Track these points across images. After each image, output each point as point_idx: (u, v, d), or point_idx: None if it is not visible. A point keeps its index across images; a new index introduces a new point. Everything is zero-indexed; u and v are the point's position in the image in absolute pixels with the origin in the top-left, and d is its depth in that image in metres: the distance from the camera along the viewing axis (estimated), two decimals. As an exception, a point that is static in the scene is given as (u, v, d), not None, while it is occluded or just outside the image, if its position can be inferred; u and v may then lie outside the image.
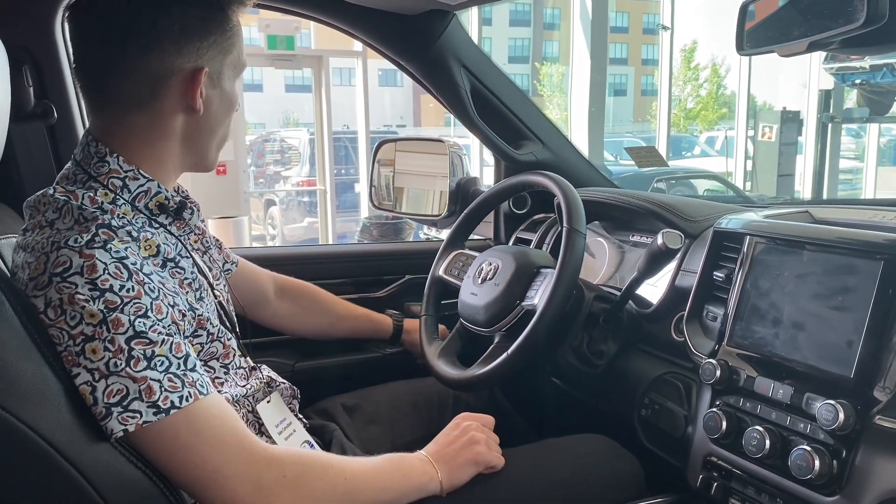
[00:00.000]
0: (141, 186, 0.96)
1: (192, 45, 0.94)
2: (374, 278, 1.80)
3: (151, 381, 0.82)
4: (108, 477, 0.81)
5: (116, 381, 0.81)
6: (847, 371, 0.94)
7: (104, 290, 0.81)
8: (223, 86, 1.00)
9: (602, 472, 1.20)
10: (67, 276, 0.81)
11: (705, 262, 1.21)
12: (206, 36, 0.95)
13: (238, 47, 1.01)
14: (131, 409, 0.81)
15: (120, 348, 0.81)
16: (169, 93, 0.94)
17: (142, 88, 0.93)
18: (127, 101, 0.94)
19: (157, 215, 0.98)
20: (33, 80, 1.36)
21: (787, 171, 9.55)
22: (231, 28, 0.98)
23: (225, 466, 0.85)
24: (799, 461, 0.94)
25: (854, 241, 0.99)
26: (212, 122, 1.01)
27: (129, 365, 0.81)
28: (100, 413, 0.80)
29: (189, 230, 1.06)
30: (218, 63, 0.98)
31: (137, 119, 0.95)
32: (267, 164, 10.83)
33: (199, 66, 0.95)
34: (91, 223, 0.86)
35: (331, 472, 0.94)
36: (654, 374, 1.28)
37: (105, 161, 0.94)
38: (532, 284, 1.32)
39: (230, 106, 1.03)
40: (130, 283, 0.83)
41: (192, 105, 0.96)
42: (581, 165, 1.82)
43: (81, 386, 0.80)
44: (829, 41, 0.92)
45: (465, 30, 1.66)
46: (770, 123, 9.59)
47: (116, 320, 0.81)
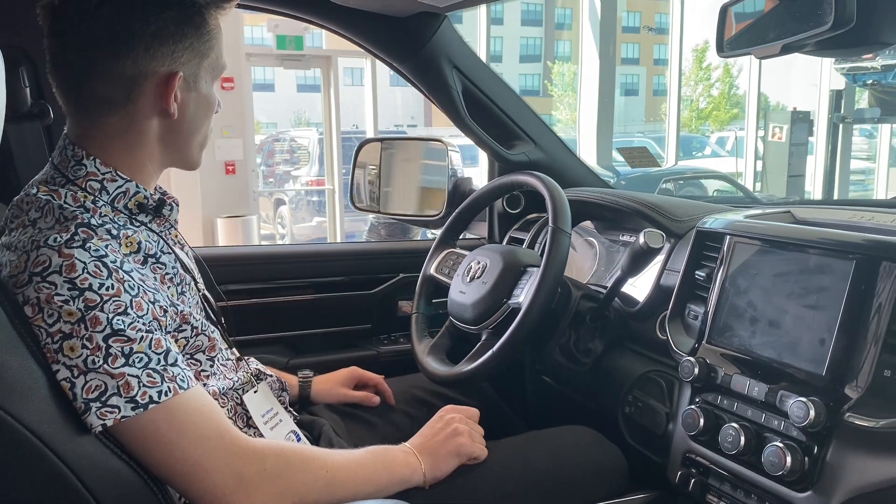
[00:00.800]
0: (119, 188, 0.96)
1: (167, 48, 0.93)
2: (368, 276, 1.83)
3: (129, 377, 0.83)
4: (94, 469, 0.82)
5: (95, 377, 0.82)
6: (819, 369, 0.95)
7: (83, 290, 0.83)
8: (200, 89, 1.00)
9: (586, 462, 1.21)
10: (46, 276, 0.83)
11: (688, 262, 1.23)
12: (181, 40, 0.95)
13: (216, 50, 1.00)
14: (110, 405, 0.82)
15: (97, 346, 0.82)
16: (143, 96, 0.94)
17: (116, 92, 0.93)
18: (101, 104, 0.94)
19: (136, 214, 0.99)
20: (30, 80, 1.39)
21: (798, 171, 9.50)
22: (208, 31, 0.98)
23: (205, 460, 0.87)
24: (771, 457, 0.95)
25: (828, 241, 1.00)
26: (188, 124, 1.00)
27: (106, 362, 0.83)
28: (79, 408, 0.82)
29: (170, 226, 1.06)
30: (194, 66, 0.97)
31: (113, 122, 0.95)
32: (276, 163, 10.88)
33: (174, 70, 0.94)
34: (71, 222, 0.88)
35: (312, 465, 0.96)
36: (639, 372, 1.30)
37: (82, 164, 0.95)
38: (518, 283, 1.34)
39: (208, 108, 1.03)
40: (110, 280, 0.85)
41: (166, 109, 0.95)
42: (573, 165, 1.83)
43: (62, 381, 0.82)
44: (801, 44, 0.93)
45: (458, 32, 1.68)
46: (780, 124, 9.54)
47: (95, 318, 0.83)
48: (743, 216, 1.20)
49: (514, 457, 1.19)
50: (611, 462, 1.23)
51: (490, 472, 1.14)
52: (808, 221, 1.16)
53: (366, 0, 1.50)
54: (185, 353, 1.01)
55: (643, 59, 30.84)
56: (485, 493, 1.12)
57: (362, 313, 1.82)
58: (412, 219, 2.04)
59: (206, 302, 1.11)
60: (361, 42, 1.64)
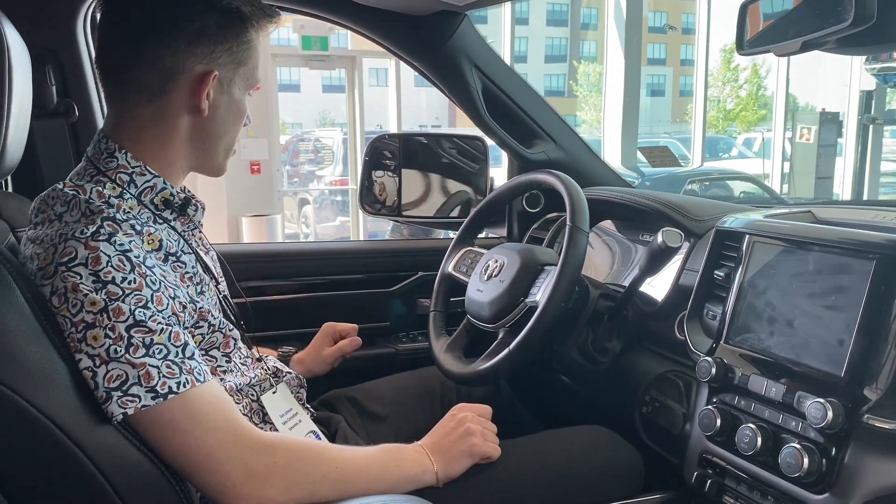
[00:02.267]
0: (147, 182, 0.99)
1: (206, 48, 0.98)
2: (388, 274, 1.83)
3: (150, 368, 0.85)
4: (112, 459, 0.84)
5: (116, 366, 0.84)
6: (838, 370, 0.94)
7: (106, 282, 0.85)
8: (232, 93, 1.03)
9: (601, 462, 1.21)
10: (72, 266, 0.85)
11: (706, 261, 1.22)
12: (221, 42, 0.99)
13: (254, 61, 1.05)
14: (130, 394, 0.84)
15: (120, 336, 0.84)
16: (178, 90, 0.98)
17: (153, 81, 0.97)
18: (137, 91, 0.98)
19: (161, 210, 1.01)
20: (56, 79, 1.42)
21: (826, 173, 9.37)
22: (248, 41, 1.02)
23: (217, 451, 0.89)
24: (788, 458, 0.94)
25: (848, 241, 0.99)
26: (218, 126, 1.04)
27: (128, 352, 0.85)
28: (101, 397, 0.84)
29: (193, 226, 1.09)
30: (230, 71, 1.01)
31: (146, 112, 0.99)
32: (301, 163, 10.95)
33: (210, 69, 0.98)
34: (97, 216, 0.90)
35: (323, 460, 0.97)
36: (657, 372, 1.29)
37: (114, 157, 0.98)
38: (536, 281, 1.33)
39: (238, 115, 1.06)
40: (132, 275, 0.87)
41: (198, 106, 0.99)
42: (594, 164, 1.82)
43: (84, 371, 0.84)
44: (821, 41, 0.92)
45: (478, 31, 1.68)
46: (808, 125, 9.42)
47: (117, 309, 0.85)
48: (763, 216, 1.19)
49: (529, 456, 1.19)
50: (627, 462, 1.23)
51: (505, 471, 1.13)
52: (829, 221, 1.15)
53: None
54: (201, 348, 1.02)
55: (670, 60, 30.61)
56: (499, 491, 1.12)
57: (381, 311, 1.82)
58: (439, 221, 1.97)
59: (227, 303, 1.13)
60: (382, 41, 1.65)
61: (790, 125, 10.63)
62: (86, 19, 1.48)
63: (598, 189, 1.65)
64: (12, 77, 0.83)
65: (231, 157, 1.12)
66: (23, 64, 0.89)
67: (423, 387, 1.46)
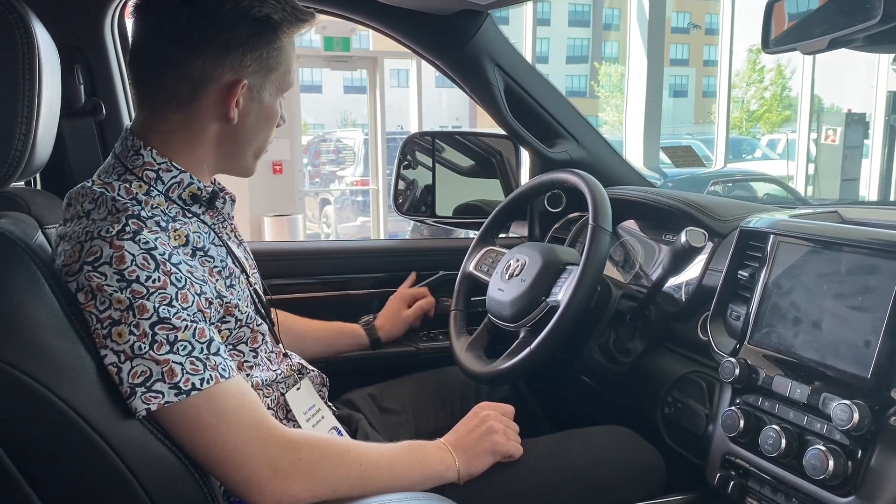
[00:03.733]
0: (174, 178, 1.00)
1: (236, 56, 0.98)
2: (409, 273, 1.83)
3: (174, 364, 0.86)
4: (138, 453, 0.85)
5: (140, 363, 0.85)
6: (864, 371, 0.93)
7: (131, 281, 0.86)
8: (263, 100, 1.04)
9: (622, 462, 1.20)
10: (98, 266, 0.86)
11: (731, 261, 1.21)
12: (251, 51, 0.99)
13: (285, 66, 1.04)
14: (154, 390, 0.85)
15: (144, 333, 0.85)
16: (207, 98, 0.99)
17: (182, 89, 0.98)
18: (167, 98, 0.99)
19: (190, 205, 1.02)
20: (84, 78, 1.44)
21: (852, 175, 9.26)
22: (279, 47, 1.02)
23: (242, 447, 0.89)
24: (813, 461, 0.93)
25: (876, 241, 0.97)
26: (247, 132, 1.04)
27: (152, 349, 0.86)
28: (125, 392, 0.85)
29: (223, 219, 1.09)
30: (260, 77, 1.02)
31: (175, 118, 1.00)
32: (322, 163, 11.01)
33: (239, 78, 0.99)
34: (122, 214, 0.91)
35: (347, 458, 0.97)
36: (679, 373, 1.28)
37: (140, 154, 0.99)
38: (557, 281, 1.33)
39: (269, 119, 1.06)
40: (157, 273, 0.88)
41: (226, 113, 1.00)
42: (616, 164, 1.81)
43: (109, 366, 0.85)
44: (848, 38, 0.91)
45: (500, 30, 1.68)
46: (834, 126, 9.31)
47: (142, 307, 0.86)
48: (788, 216, 1.18)
49: (550, 456, 1.18)
50: (648, 463, 1.22)
51: (525, 471, 1.14)
52: (856, 221, 1.13)
53: (411, -2, 1.51)
54: (228, 343, 1.03)
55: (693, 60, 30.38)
56: (520, 491, 1.13)
57: None
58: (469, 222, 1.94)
59: (257, 296, 1.13)
60: (404, 40, 1.65)
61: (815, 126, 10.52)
62: (113, 19, 1.50)
63: (620, 188, 1.64)
64: (42, 76, 0.84)
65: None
66: (52, 63, 0.90)
67: (444, 386, 1.46)
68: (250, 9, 0.98)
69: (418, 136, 1.96)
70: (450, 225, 1.99)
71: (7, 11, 0.82)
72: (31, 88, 0.83)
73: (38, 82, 0.84)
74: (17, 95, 0.83)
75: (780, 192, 8.46)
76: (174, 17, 0.97)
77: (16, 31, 0.82)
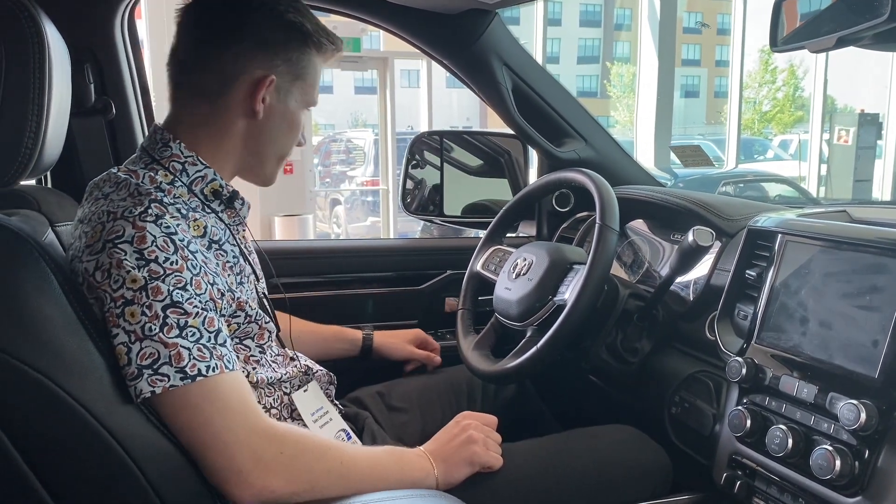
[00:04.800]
0: (198, 172, 1.03)
1: (267, 55, 1.03)
2: (417, 272, 1.84)
3: (181, 349, 0.87)
4: (145, 448, 0.86)
5: (150, 344, 0.86)
6: (872, 371, 0.92)
7: (149, 261, 0.88)
8: (288, 104, 1.07)
9: (629, 461, 1.20)
10: (119, 243, 0.88)
11: (738, 261, 1.20)
12: (281, 52, 1.04)
13: (311, 79, 1.09)
14: (161, 373, 0.86)
15: (156, 314, 0.87)
16: (236, 91, 1.03)
17: (213, 82, 1.03)
18: (199, 91, 1.04)
19: (211, 201, 1.05)
20: (94, 77, 1.46)
21: (865, 175, 9.19)
22: (307, 57, 1.06)
23: (229, 436, 0.90)
24: (820, 461, 0.93)
25: (884, 241, 0.97)
26: (271, 131, 1.07)
27: (162, 331, 0.87)
28: (132, 373, 0.86)
29: (239, 221, 1.11)
30: (287, 81, 1.06)
31: (204, 110, 1.04)
32: (333, 164, 11.04)
33: (268, 74, 1.03)
34: (144, 197, 0.93)
35: (328, 455, 0.98)
36: (687, 373, 1.28)
37: (168, 146, 1.02)
38: (564, 280, 1.33)
39: (291, 126, 1.09)
40: (175, 256, 0.90)
41: (253, 107, 1.03)
42: (625, 163, 1.81)
43: (118, 346, 0.86)
44: (856, 37, 0.91)
45: (509, 29, 1.68)
46: (847, 126, 9.24)
47: (156, 288, 0.87)
48: (796, 215, 1.17)
49: (557, 454, 1.19)
50: (655, 462, 1.22)
51: (533, 469, 1.14)
52: (865, 221, 1.12)
53: (419, -2, 1.52)
54: (235, 336, 1.04)
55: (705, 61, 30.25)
56: (526, 489, 1.13)
57: (410, 309, 1.83)
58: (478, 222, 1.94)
59: (266, 299, 1.14)
60: (413, 39, 1.66)
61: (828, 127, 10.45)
62: (123, 19, 1.51)
63: (628, 188, 1.64)
64: (52, 75, 0.85)
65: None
66: (62, 63, 0.91)
67: (451, 385, 1.46)
68: (285, 13, 1.04)
69: (426, 135, 1.97)
70: (458, 224, 1.99)
71: (18, 11, 0.83)
72: (41, 87, 0.84)
73: (49, 81, 0.85)
74: (27, 94, 0.84)
75: (791, 193, 8.41)
76: (211, 16, 1.03)
77: (27, 30, 0.83)
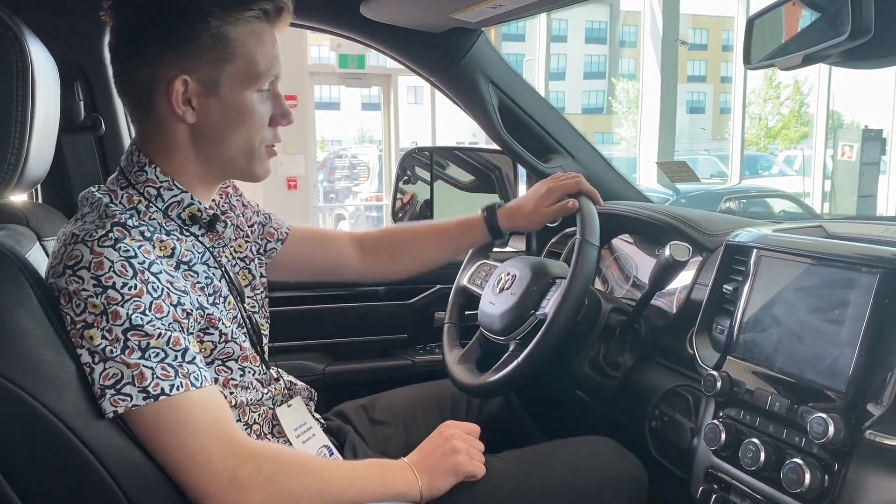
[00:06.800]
0: (174, 197, 1.01)
1: (172, 53, 0.96)
2: (406, 286, 1.85)
3: (144, 369, 0.87)
4: (120, 461, 0.87)
5: (112, 365, 0.87)
6: (840, 384, 0.93)
7: (107, 287, 0.87)
8: (223, 95, 0.99)
9: (605, 472, 1.20)
10: (77, 270, 0.88)
11: (716, 275, 1.21)
12: (184, 43, 0.95)
13: (244, 57, 0.99)
14: (123, 392, 0.87)
15: (116, 338, 0.87)
16: (158, 101, 0.98)
17: (140, 98, 0.99)
18: (133, 110, 1.01)
19: (189, 225, 1.04)
20: (84, 94, 1.48)
21: (869, 191, 9.17)
22: (222, 37, 0.97)
23: (202, 456, 0.89)
24: (790, 474, 0.93)
25: (852, 255, 0.98)
26: (216, 131, 1.01)
27: (123, 353, 0.87)
28: (96, 393, 0.87)
29: (223, 244, 1.10)
30: (210, 72, 0.97)
31: (148, 127, 1.01)
32: (338, 179, 11.10)
33: (178, 74, 0.96)
34: (108, 220, 0.93)
35: (306, 471, 0.97)
36: (667, 387, 1.28)
37: (144, 171, 1.01)
38: (546, 294, 1.34)
39: (241, 115, 1.01)
40: (134, 281, 0.89)
41: (176, 113, 0.98)
42: (611, 178, 1.82)
43: (84, 365, 0.87)
44: (821, 54, 0.92)
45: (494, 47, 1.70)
46: (850, 142, 9.24)
47: (115, 313, 0.87)
48: (772, 230, 1.18)
49: (535, 465, 1.19)
50: (630, 473, 1.22)
51: (512, 480, 1.14)
52: (839, 236, 1.14)
53: (402, 17, 1.54)
54: (216, 358, 1.04)
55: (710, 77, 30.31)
56: (505, 500, 1.13)
57: (399, 323, 1.84)
58: None
59: (250, 322, 1.13)
60: (400, 57, 1.68)
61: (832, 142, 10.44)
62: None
63: (611, 203, 1.65)
64: (35, 91, 0.87)
65: (270, 174, 1.09)
66: (49, 80, 0.93)
67: (435, 398, 1.46)
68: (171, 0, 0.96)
69: (417, 151, 1.99)
70: None
71: (2, 31, 0.85)
72: (24, 103, 0.86)
73: (32, 98, 0.86)
74: (9, 110, 0.85)
75: (795, 209, 8.40)
76: (117, 31, 0.98)
77: (10, 48, 0.85)
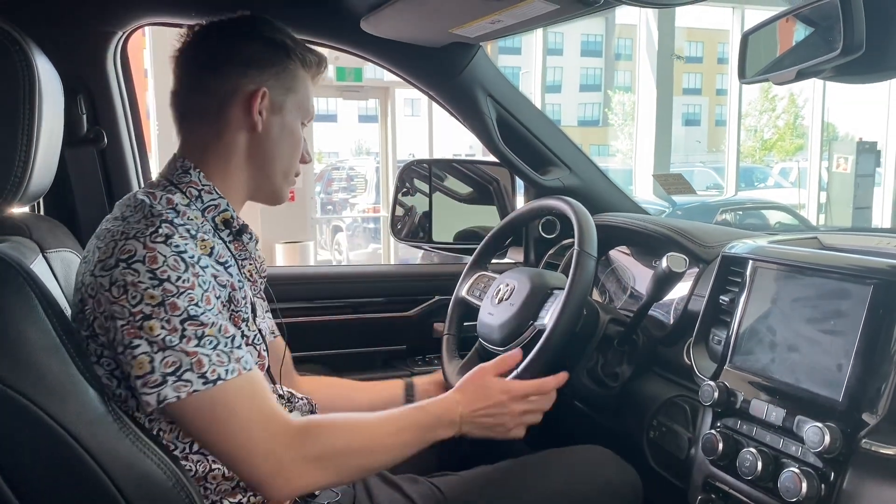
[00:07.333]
0: (213, 200, 1.08)
1: (256, 71, 1.09)
2: (406, 298, 1.86)
3: (202, 356, 0.92)
4: (126, 470, 0.87)
5: (172, 354, 0.90)
6: (836, 394, 0.94)
7: (163, 280, 0.92)
8: (285, 117, 1.12)
9: (601, 481, 1.22)
10: (132, 263, 0.92)
11: (712, 287, 1.23)
12: (269, 67, 1.10)
13: (304, 92, 1.14)
14: (184, 379, 0.90)
15: (175, 328, 0.91)
16: (232, 108, 1.08)
17: (211, 103, 1.08)
18: (199, 115, 1.10)
19: (221, 230, 1.09)
20: (87, 108, 1.50)
21: (864, 203, 9.21)
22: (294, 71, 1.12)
23: (248, 441, 0.94)
24: (787, 483, 0.94)
25: (847, 266, 0.99)
26: (273, 146, 1.12)
27: (181, 342, 0.91)
28: (155, 381, 0.90)
29: (246, 256, 1.14)
30: (280, 94, 1.11)
31: (208, 133, 1.09)
32: (335, 191, 11.12)
33: (259, 87, 1.08)
34: (156, 218, 0.97)
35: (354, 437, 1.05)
36: (665, 397, 1.29)
37: (188, 173, 1.08)
38: (545, 305, 1.35)
39: (292, 139, 1.14)
40: (187, 274, 0.93)
41: (251, 121, 1.08)
42: (609, 191, 1.84)
43: (140, 356, 0.90)
44: (814, 70, 0.94)
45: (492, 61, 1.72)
46: (845, 154, 9.29)
47: (173, 304, 0.91)
48: (767, 241, 1.20)
49: (528, 475, 1.21)
50: (625, 482, 1.24)
51: (508, 489, 1.16)
52: (834, 247, 1.15)
53: (402, 32, 1.56)
54: None
55: (705, 90, 30.46)
56: None
57: (398, 334, 1.85)
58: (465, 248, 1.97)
59: (261, 333, 1.15)
60: (399, 71, 1.70)
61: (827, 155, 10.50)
62: (115, 52, 1.56)
63: (608, 215, 1.67)
64: (42, 105, 0.88)
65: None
66: (54, 93, 0.94)
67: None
68: (267, 33, 1.11)
69: (416, 163, 2.00)
70: (447, 251, 2.03)
71: (9, 43, 0.86)
72: (30, 117, 0.87)
73: (38, 111, 0.88)
74: (16, 123, 0.87)
75: (791, 221, 8.43)
76: (203, 46, 1.10)
77: (17, 61, 0.86)
